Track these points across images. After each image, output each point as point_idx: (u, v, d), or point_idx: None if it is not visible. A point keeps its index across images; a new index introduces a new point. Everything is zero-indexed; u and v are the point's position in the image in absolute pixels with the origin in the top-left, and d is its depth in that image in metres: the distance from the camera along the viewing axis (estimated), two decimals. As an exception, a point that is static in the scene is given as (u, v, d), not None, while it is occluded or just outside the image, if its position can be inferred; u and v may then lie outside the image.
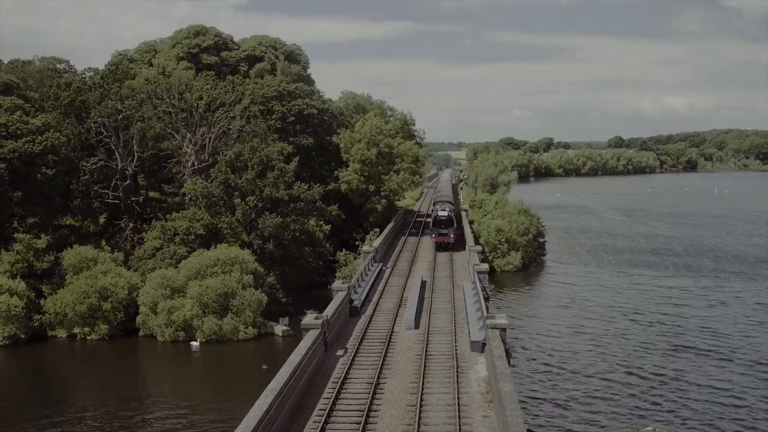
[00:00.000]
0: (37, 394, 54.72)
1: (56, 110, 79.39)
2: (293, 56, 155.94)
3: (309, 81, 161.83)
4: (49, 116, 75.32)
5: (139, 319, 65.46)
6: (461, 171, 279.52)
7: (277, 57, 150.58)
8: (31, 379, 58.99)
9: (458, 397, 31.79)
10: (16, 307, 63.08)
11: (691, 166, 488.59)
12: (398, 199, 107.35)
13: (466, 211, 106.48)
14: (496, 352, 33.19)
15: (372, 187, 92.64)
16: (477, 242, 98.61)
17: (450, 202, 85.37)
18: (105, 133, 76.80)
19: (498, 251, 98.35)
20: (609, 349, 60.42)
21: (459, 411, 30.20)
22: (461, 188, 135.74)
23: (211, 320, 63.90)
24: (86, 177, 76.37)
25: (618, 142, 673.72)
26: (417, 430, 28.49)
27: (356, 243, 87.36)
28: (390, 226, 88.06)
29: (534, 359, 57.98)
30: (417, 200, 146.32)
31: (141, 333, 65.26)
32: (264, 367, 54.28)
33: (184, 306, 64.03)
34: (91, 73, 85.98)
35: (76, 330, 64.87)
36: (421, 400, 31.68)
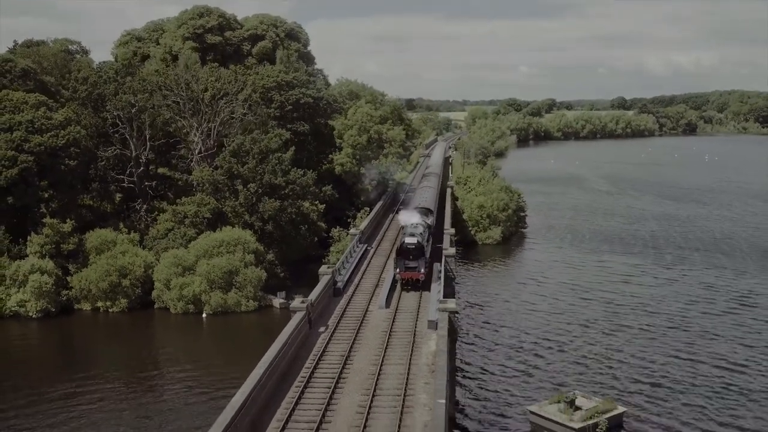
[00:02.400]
0: (67, 360, 64.41)
1: (75, 101, 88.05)
2: (293, 34, 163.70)
3: (309, 58, 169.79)
4: (69, 110, 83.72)
5: (154, 293, 74.70)
6: (459, 138, 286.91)
7: (278, 35, 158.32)
8: (61, 346, 68.71)
9: (409, 368, 40.53)
10: (46, 284, 72.30)
11: (691, 129, 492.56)
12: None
13: (452, 187, 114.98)
14: (440, 333, 42.06)
15: (363, 170, 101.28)
16: (461, 217, 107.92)
17: (429, 210, 71.35)
18: (120, 125, 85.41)
19: (480, 226, 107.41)
20: (554, 324, 68.97)
21: (407, 379, 38.99)
22: (451, 161, 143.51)
23: (217, 295, 73.06)
24: (103, 163, 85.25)
25: (621, 103, 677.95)
26: (373, 394, 37.28)
27: (348, 220, 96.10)
28: (379, 204, 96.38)
29: (486, 331, 66.98)
30: (411, 172, 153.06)
31: (156, 306, 74.54)
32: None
33: (193, 282, 73.15)
34: (106, 68, 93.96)
35: (99, 304, 74.05)
36: (380, 370, 40.44)
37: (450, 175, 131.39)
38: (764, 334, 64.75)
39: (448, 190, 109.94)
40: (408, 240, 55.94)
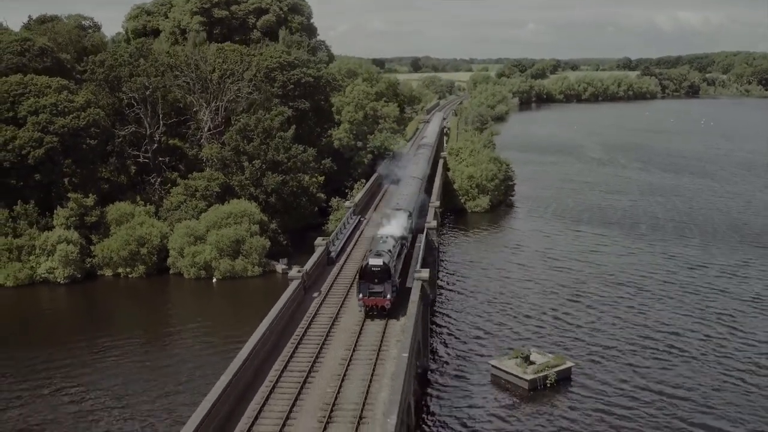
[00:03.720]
0: (92, 319, 73.17)
1: (92, 83, 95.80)
2: (297, 8, 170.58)
3: (312, 29, 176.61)
4: (88, 92, 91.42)
5: (169, 260, 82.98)
6: (461, 102, 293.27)
7: (281, 9, 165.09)
8: (86, 308, 77.35)
9: (386, 327, 48.73)
10: (72, 252, 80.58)
11: (694, 92, 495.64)
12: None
13: (444, 158, 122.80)
14: (412, 298, 50.11)
15: (360, 144, 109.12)
16: (452, 187, 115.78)
17: (406, 213, 65.30)
18: (135, 105, 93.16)
19: (469, 195, 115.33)
20: (523, 290, 76.69)
21: (383, 337, 47.18)
22: (447, 132, 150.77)
23: (225, 261, 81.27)
24: (120, 140, 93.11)
25: (626, 63, 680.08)
26: (354, 349, 45.40)
27: (346, 191, 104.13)
28: (375, 176, 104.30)
29: (461, 296, 75.25)
30: (409, 140, 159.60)
31: (171, 272, 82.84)
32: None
33: (204, 250, 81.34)
34: (121, 50, 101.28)
35: (120, 270, 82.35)
36: (362, 328, 48.63)
37: (445, 145, 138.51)
38: (713, 303, 72.05)
39: (441, 161, 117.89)
40: (373, 261, 49.41)
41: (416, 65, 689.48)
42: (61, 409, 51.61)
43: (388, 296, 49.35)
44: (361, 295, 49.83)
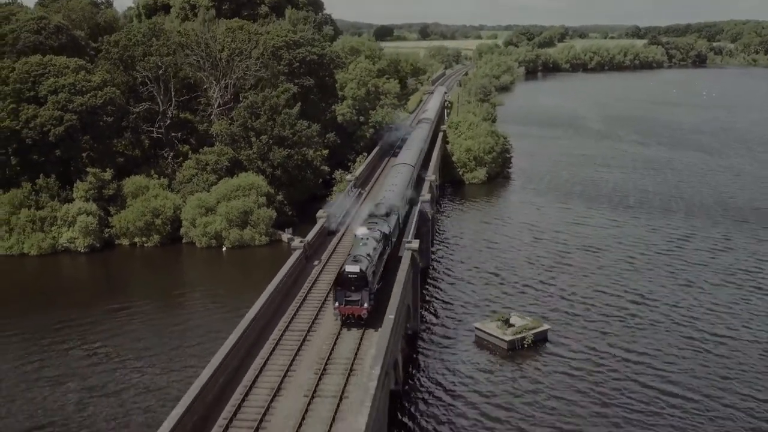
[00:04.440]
0: (110, 285, 79.21)
1: (108, 61, 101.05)
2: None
3: (318, 4, 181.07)
4: (104, 70, 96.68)
5: (182, 230, 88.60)
6: (466, 73, 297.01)
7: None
8: (105, 275, 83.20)
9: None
10: (91, 223, 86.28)
11: (701, 61, 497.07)
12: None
13: (444, 131, 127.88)
14: (402, 267, 55.61)
15: (362, 118, 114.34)
16: (451, 159, 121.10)
17: (391, 208, 63.06)
18: (149, 83, 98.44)
19: (467, 167, 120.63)
20: (508, 259, 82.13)
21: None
22: (447, 105, 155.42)
23: (235, 231, 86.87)
24: (134, 117, 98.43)
25: (635, 32, 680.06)
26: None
27: (349, 164, 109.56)
28: (376, 150, 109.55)
29: (450, 264, 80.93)
30: (412, 112, 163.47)
31: (184, 241, 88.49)
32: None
33: (215, 221, 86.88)
34: (134, 31, 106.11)
35: (136, 239, 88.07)
36: (357, 294, 54.27)
37: (446, 118, 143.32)
38: (687, 274, 77.13)
39: (440, 135, 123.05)
40: (349, 268, 47.36)
41: (425, 32, 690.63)
42: (81, 363, 57.65)
43: (365, 305, 47.17)
44: (337, 304, 47.55)
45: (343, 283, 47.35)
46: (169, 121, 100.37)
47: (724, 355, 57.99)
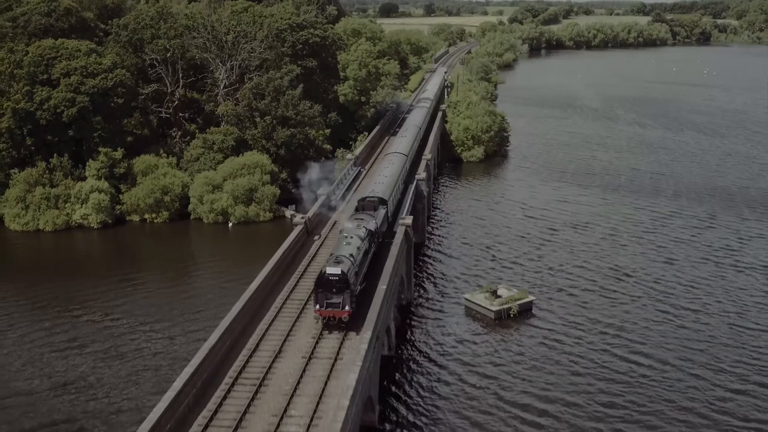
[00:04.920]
0: (122, 258, 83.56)
1: (117, 44, 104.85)
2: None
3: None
4: (114, 53, 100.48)
5: (190, 207, 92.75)
6: (469, 51, 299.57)
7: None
8: (117, 249, 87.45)
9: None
10: (103, 201, 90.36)
11: (705, 38, 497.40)
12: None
13: (443, 111, 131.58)
14: (396, 241, 59.69)
15: (363, 98, 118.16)
16: (450, 138, 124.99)
17: (380, 201, 63.14)
18: (157, 65, 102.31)
19: (465, 145, 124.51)
20: (498, 235, 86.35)
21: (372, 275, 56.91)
22: (447, 84, 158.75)
23: (240, 208, 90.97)
24: (143, 97, 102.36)
25: (640, 8, 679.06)
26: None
27: (351, 142, 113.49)
28: (377, 129, 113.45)
29: (444, 239, 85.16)
30: (414, 91, 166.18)
31: (191, 217, 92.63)
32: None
33: (221, 198, 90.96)
34: (143, 14, 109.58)
35: (146, 216, 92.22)
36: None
37: (446, 97, 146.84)
38: (668, 251, 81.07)
39: (439, 114, 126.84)
40: (330, 270, 46.00)
41: (430, 9, 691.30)
42: (95, 329, 62.18)
43: (347, 308, 45.89)
44: (318, 306, 46.38)
45: (323, 284, 45.80)
46: (177, 102, 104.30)
47: (695, 328, 61.86)
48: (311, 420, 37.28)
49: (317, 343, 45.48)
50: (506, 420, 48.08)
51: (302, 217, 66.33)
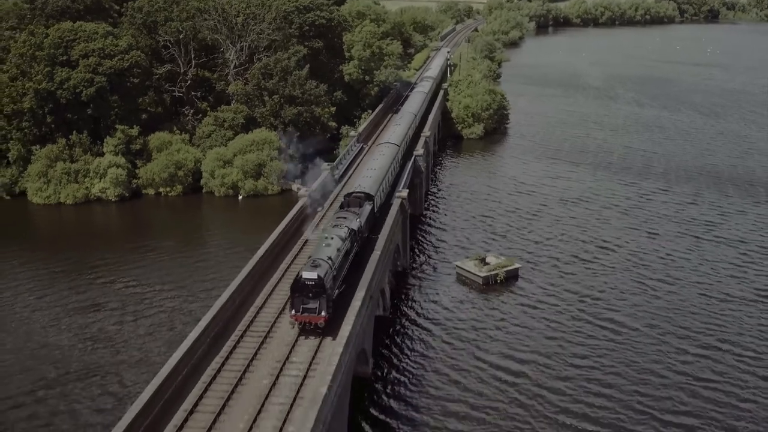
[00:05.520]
0: (138, 229, 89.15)
1: (132, 26, 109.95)
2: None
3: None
4: (129, 34, 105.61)
5: (202, 181, 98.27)
6: (475, 28, 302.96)
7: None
8: (134, 220, 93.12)
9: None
10: (121, 175, 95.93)
11: (713, 16, 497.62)
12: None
13: (445, 89, 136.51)
14: (391, 212, 64.96)
15: (367, 78, 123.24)
16: (451, 115, 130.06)
17: (366, 197, 61.66)
18: (170, 47, 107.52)
19: (465, 123, 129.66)
20: (490, 208, 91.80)
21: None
22: (450, 64, 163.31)
23: (249, 182, 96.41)
24: (157, 77, 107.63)
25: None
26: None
27: (355, 120, 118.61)
28: (380, 107, 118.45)
29: (437, 212, 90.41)
30: (418, 69, 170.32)
31: (204, 191, 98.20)
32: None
33: (232, 172, 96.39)
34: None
35: (161, 189, 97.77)
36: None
37: (449, 76, 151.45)
38: (650, 225, 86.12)
39: (441, 93, 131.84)
40: (306, 275, 44.87)
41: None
42: (114, 292, 68.11)
43: (323, 313, 44.99)
44: (293, 312, 45.63)
45: (299, 289, 44.91)
46: (189, 81, 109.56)
47: (666, 297, 66.81)
48: (310, 365, 42.75)
49: (317, 301, 50.79)
50: (482, 377, 53.51)
51: (306, 190, 71.65)
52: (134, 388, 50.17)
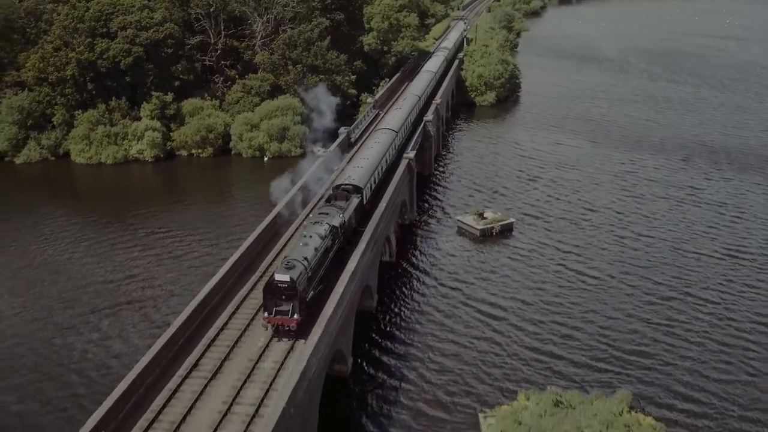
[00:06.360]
0: (172, 186, 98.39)
1: (166, 0, 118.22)
2: None
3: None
4: (163, 7, 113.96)
5: (231, 143, 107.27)
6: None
7: None
8: (168, 179, 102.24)
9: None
10: (156, 138, 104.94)
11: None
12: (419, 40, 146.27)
13: (461, 59, 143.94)
14: (398, 171, 73.09)
15: (385, 48, 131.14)
16: (465, 84, 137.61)
17: (355, 190, 61.54)
18: (202, 19, 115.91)
19: (478, 91, 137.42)
20: (490, 171, 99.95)
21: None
22: (466, 36, 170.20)
23: (274, 144, 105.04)
24: (189, 47, 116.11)
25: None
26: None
27: (374, 87, 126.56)
28: (397, 75, 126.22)
29: (443, 174, 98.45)
30: (437, 39, 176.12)
31: (232, 152, 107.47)
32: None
33: (258, 136, 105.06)
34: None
35: (193, 151, 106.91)
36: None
37: (465, 47, 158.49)
38: (638, 188, 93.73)
39: (456, 62, 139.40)
40: (279, 277, 44.25)
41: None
42: (153, 239, 77.64)
43: (295, 316, 44.27)
44: (266, 314, 44.93)
45: (272, 291, 44.45)
46: (219, 51, 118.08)
47: (643, 250, 74.10)
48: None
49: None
50: (468, 312, 61.97)
51: (324, 151, 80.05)
52: (171, 316, 58.77)
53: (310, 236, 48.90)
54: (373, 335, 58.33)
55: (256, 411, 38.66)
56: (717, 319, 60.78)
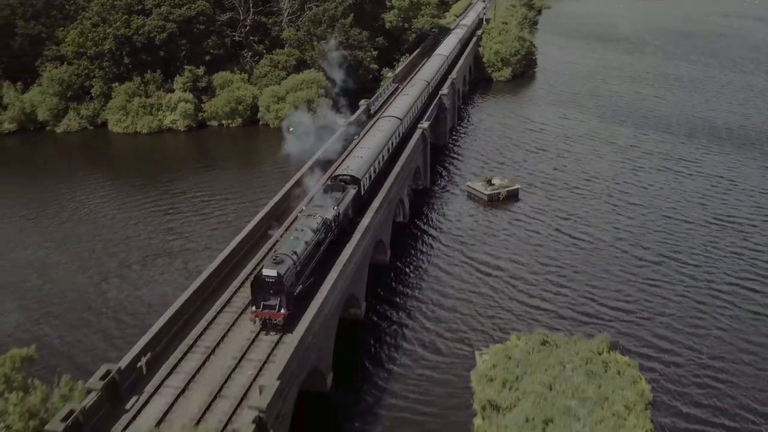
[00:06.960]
0: (202, 153, 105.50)
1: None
2: None
3: None
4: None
5: (259, 114, 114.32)
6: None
7: None
8: (199, 147, 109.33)
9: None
10: (189, 109, 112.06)
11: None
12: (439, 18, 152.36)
13: (479, 36, 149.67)
14: (413, 140, 79.58)
15: (406, 25, 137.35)
16: (483, 60, 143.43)
17: (352, 181, 63.38)
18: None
19: (495, 66, 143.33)
20: (500, 144, 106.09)
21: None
22: (485, 17, 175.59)
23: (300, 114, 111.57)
24: (220, 24, 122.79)
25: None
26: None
27: (394, 63, 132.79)
28: (417, 51, 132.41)
29: (457, 144, 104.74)
30: (458, 16, 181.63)
31: (260, 123, 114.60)
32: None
33: (285, 107, 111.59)
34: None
35: (223, 121, 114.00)
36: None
37: (484, 24, 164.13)
38: (637, 161, 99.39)
39: (473, 39, 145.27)
40: (266, 272, 44.90)
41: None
42: (186, 199, 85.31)
43: (282, 311, 45.05)
44: (253, 307, 45.86)
45: (260, 285, 45.18)
46: (248, 27, 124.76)
47: (635, 217, 79.64)
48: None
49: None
50: (469, 270, 68.34)
51: (345, 120, 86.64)
52: (202, 267, 65.12)
53: (302, 230, 49.98)
54: (385, 285, 65.25)
55: (280, 339, 45.94)
56: (697, 280, 66.28)
